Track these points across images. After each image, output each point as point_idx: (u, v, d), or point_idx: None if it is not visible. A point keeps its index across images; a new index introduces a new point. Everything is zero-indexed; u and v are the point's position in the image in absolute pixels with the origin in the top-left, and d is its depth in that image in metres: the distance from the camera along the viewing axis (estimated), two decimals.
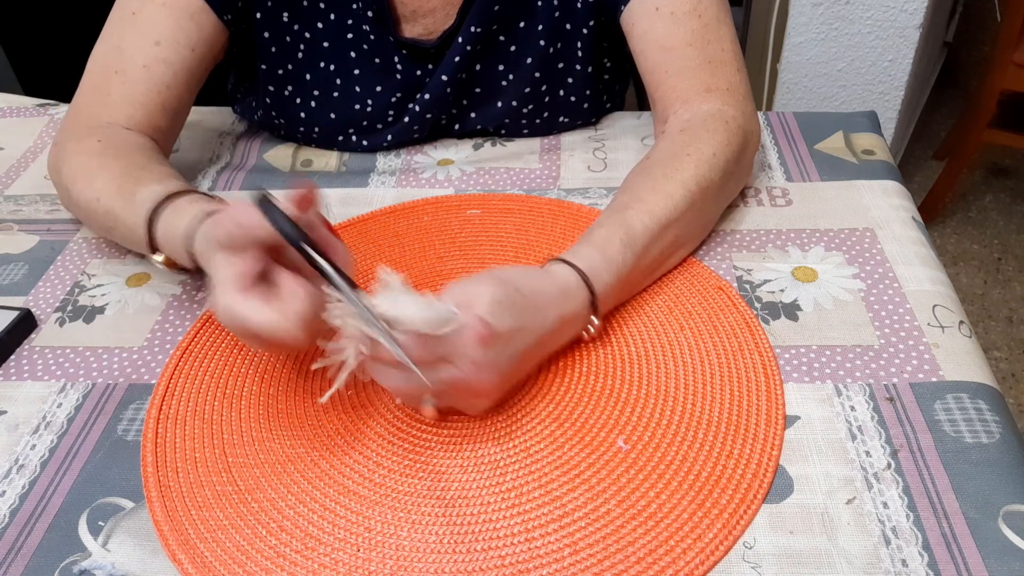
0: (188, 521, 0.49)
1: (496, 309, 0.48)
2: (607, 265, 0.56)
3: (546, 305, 0.52)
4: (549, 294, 0.53)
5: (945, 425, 0.51)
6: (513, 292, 0.50)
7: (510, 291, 0.50)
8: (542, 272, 0.54)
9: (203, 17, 0.70)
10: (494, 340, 0.47)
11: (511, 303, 0.49)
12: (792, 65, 1.62)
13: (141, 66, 0.68)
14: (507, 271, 0.53)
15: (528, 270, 0.54)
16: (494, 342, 0.47)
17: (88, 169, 0.65)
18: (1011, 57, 1.66)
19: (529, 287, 0.52)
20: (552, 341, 0.54)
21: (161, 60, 0.69)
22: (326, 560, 0.46)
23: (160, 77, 0.69)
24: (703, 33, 0.68)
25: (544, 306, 0.52)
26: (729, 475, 0.49)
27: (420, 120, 0.78)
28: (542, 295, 0.52)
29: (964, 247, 1.91)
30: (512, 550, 0.46)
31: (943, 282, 0.62)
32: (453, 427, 0.53)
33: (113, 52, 0.69)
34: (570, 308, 0.54)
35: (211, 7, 0.70)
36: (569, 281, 0.54)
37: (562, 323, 0.53)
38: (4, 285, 0.68)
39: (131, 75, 0.69)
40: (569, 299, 0.54)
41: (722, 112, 0.67)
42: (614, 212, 0.60)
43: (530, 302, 0.51)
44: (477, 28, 0.73)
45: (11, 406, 0.57)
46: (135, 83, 0.69)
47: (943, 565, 0.44)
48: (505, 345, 0.49)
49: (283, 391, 0.56)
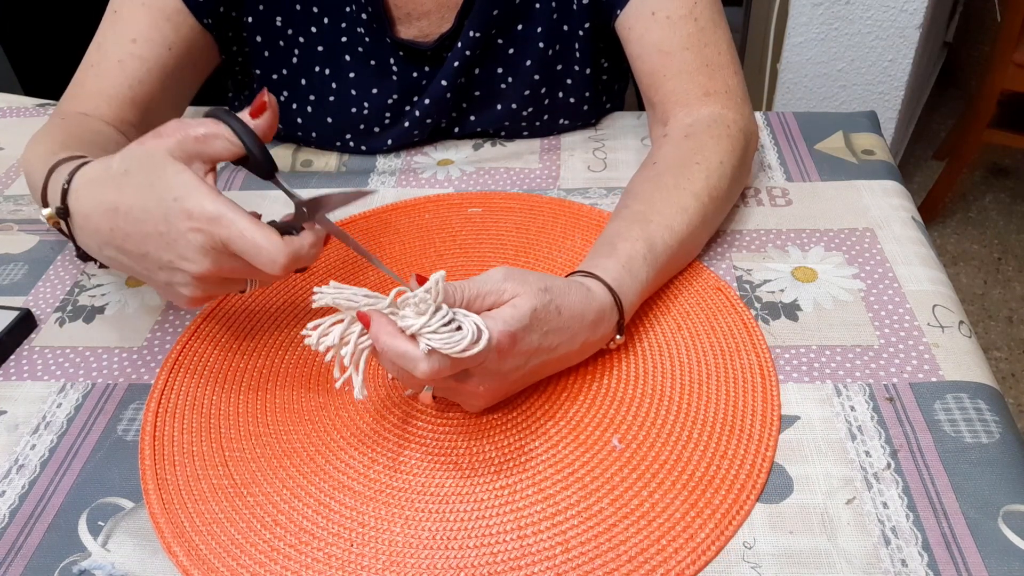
0: (184, 514, 0.49)
1: (528, 325, 0.47)
2: (633, 284, 0.56)
3: (579, 331, 0.51)
4: (584, 319, 0.51)
5: (945, 425, 0.51)
6: (552, 310, 0.49)
7: (550, 309, 0.49)
8: (584, 291, 0.52)
9: (180, 19, 0.70)
10: (514, 355, 0.48)
11: (545, 321, 0.49)
12: (792, 65, 1.62)
13: (116, 61, 0.69)
14: (553, 281, 0.50)
15: (571, 285, 0.52)
16: (513, 357, 0.48)
17: (37, 137, 0.65)
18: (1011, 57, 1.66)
19: (568, 307, 0.50)
20: (571, 360, 0.54)
21: (136, 56, 0.69)
22: (319, 555, 0.46)
23: (133, 72, 0.69)
24: (699, 36, 0.68)
25: (576, 331, 0.51)
26: (723, 475, 0.49)
27: (420, 124, 0.78)
28: (579, 320, 0.51)
29: (964, 247, 1.91)
30: (504, 547, 0.46)
31: (943, 282, 0.62)
32: (448, 424, 0.53)
33: (94, 50, 0.71)
34: (599, 333, 0.54)
35: (189, 9, 0.70)
36: (605, 305, 0.53)
37: (586, 346, 0.54)
38: (4, 285, 0.68)
39: (104, 69, 0.69)
40: (601, 324, 0.53)
41: (723, 116, 0.67)
42: (634, 223, 0.59)
43: (564, 324, 0.50)
44: (476, 33, 0.73)
45: (11, 406, 0.57)
46: (107, 76, 0.69)
47: (943, 565, 0.44)
48: (522, 359, 0.49)
49: (281, 386, 0.56)
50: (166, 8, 0.70)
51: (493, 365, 0.47)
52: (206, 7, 0.71)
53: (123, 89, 0.69)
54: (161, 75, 0.71)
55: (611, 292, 0.54)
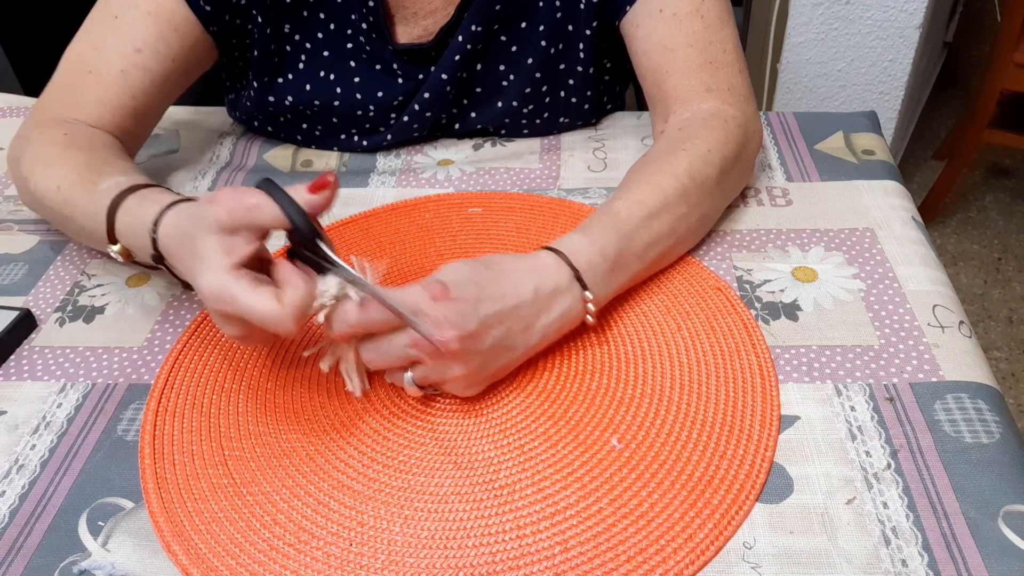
0: (184, 513, 0.49)
1: (458, 279, 0.50)
2: (588, 243, 0.56)
3: (515, 276, 0.53)
4: (518, 268, 0.54)
5: (945, 425, 0.51)
6: (480, 266, 0.52)
7: (477, 266, 0.52)
8: (517, 254, 0.56)
9: (187, 28, 0.69)
10: (447, 298, 0.49)
11: (477, 272, 0.52)
12: (792, 65, 1.62)
13: (119, 70, 0.68)
14: (480, 256, 0.54)
15: (501, 254, 0.55)
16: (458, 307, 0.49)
17: (49, 158, 0.64)
18: (1011, 57, 1.66)
19: (497, 262, 0.53)
20: (537, 315, 0.53)
21: (140, 67, 0.68)
22: (318, 554, 0.46)
23: (137, 83, 0.69)
24: (705, 34, 0.68)
25: (517, 282, 0.53)
26: (722, 475, 0.49)
27: (420, 118, 0.78)
28: (511, 269, 0.53)
29: (964, 247, 1.91)
30: (503, 547, 0.46)
31: (943, 282, 0.62)
32: (447, 424, 0.53)
33: (90, 52, 0.69)
34: (548, 282, 0.54)
35: (198, 18, 0.69)
36: (544, 258, 0.55)
37: (540, 296, 0.53)
38: (4, 285, 0.68)
39: (106, 77, 0.68)
40: (544, 273, 0.54)
41: (721, 111, 0.67)
42: (603, 205, 0.61)
43: (496, 275, 0.52)
44: (478, 27, 0.73)
45: (11, 406, 0.57)
46: (109, 86, 0.68)
47: (943, 565, 0.44)
48: (469, 309, 0.50)
49: (281, 386, 0.56)
50: (173, 18, 0.69)
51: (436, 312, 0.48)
52: (214, 16, 0.70)
53: (125, 99, 0.69)
54: (163, 85, 0.71)
55: (550, 249, 0.55)
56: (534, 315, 0.53)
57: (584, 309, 0.56)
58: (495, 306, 0.51)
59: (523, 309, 0.52)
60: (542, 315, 0.54)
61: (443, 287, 0.49)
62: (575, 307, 0.55)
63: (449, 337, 0.48)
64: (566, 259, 0.55)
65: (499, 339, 0.52)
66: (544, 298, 0.53)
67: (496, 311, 0.51)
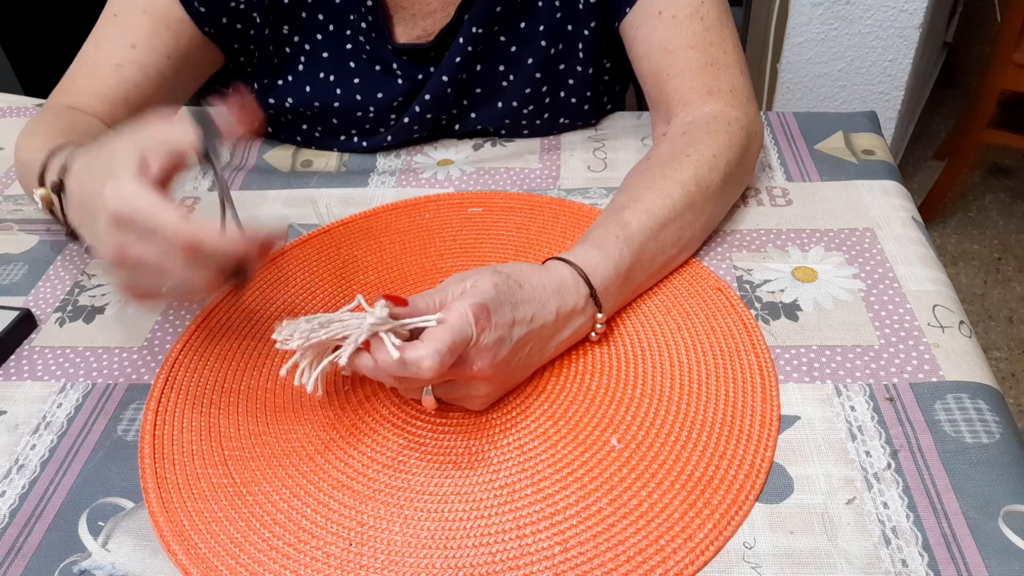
0: (184, 513, 0.49)
1: (496, 297, 0.49)
2: (604, 260, 0.56)
3: (546, 298, 0.53)
4: (546, 287, 0.53)
5: (945, 425, 0.51)
6: (512, 283, 0.51)
7: (510, 283, 0.51)
8: (539, 267, 0.55)
9: (181, 28, 0.71)
10: (494, 328, 0.49)
11: (510, 293, 0.51)
12: (792, 65, 1.62)
13: (114, 64, 0.70)
14: (506, 265, 0.53)
15: (523, 263, 0.55)
16: (495, 329, 0.49)
17: (31, 129, 0.65)
18: (1011, 57, 1.66)
19: (527, 279, 0.53)
20: (554, 335, 0.54)
21: (134, 62, 0.70)
22: (318, 554, 0.46)
23: (130, 77, 0.70)
24: (705, 36, 0.68)
25: (544, 299, 0.53)
26: (722, 475, 0.49)
27: (420, 120, 0.78)
28: (541, 289, 0.53)
29: (964, 247, 1.91)
30: (503, 547, 0.46)
31: (943, 282, 0.62)
32: (447, 424, 0.53)
33: (91, 48, 0.71)
34: (568, 302, 0.54)
35: (192, 19, 0.71)
36: (564, 275, 0.54)
37: (560, 316, 0.53)
38: (4, 285, 0.68)
39: (101, 70, 0.70)
40: (566, 293, 0.54)
41: (724, 114, 0.67)
42: (612, 212, 0.60)
43: (529, 295, 0.52)
44: (478, 29, 0.73)
45: (11, 406, 0.57)
46: (103, 77, 0.70)
47: (943, 565, 0.44)
48: (505, 331, 0.50)
49: (281, 386, 0.56)
50: (167, 17, 0.70)
51: (483, 343, 0.48)
52: (208, 18, 0.71)
53: (117, 91, 0.70)
54: (158, 80, 0.72)
55: (569, 264, 0.55)
56: (552, 335, 0.54)
57: (592, 327, 0.57)
58: (525, 329, 0.51)
59: (545, 330, 0.53)
60: (558, 335, 0.54)
61: (486, 311, 0.48)
62: (586, 325, 0.56)
63: (487, 364, 0.49)
64: (584, 277, 0.55)
65: (523, 359, 0.52)
66: (563, 319, 0.54)
67: (525, 334, 0.51)
